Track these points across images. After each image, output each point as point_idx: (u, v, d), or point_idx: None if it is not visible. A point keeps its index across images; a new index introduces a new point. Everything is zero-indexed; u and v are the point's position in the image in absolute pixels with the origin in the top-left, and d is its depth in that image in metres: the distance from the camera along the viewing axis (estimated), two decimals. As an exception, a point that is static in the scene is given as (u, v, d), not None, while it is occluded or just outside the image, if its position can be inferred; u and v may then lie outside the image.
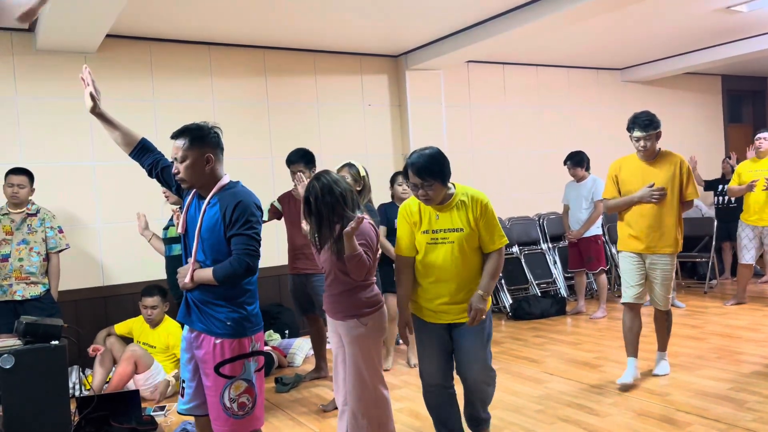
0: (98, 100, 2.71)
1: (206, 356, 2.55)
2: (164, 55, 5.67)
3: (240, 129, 6.01)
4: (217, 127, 2.69)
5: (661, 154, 4.12)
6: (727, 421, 3.47)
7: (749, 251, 6.31)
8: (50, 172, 5.19)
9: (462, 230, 2.95)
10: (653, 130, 4.03)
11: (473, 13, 5.51)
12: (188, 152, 2.56)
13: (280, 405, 4.32)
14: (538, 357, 5.06)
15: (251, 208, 2.55)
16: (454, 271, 2.96)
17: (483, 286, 2.95)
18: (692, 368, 4.47)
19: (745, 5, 5.94)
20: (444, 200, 2.99)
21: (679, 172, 4.04)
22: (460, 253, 2.95)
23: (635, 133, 4.04)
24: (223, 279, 2.52)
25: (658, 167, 4.07)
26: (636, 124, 4.05)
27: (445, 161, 2.96)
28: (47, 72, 5.18)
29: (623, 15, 5.89)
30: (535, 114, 7.88)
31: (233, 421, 2.54)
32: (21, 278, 4.51)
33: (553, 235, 7.57)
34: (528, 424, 3.64)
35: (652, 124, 4.02)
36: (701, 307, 6.46)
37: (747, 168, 6.33)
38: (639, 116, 4.06)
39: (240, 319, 2.56)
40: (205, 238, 2.57)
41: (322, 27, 5.62)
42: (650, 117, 4.05)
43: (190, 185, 2.63)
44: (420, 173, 2.89)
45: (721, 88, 9.62)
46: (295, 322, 5.95)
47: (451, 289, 2.98)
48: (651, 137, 4.03)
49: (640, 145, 4.05)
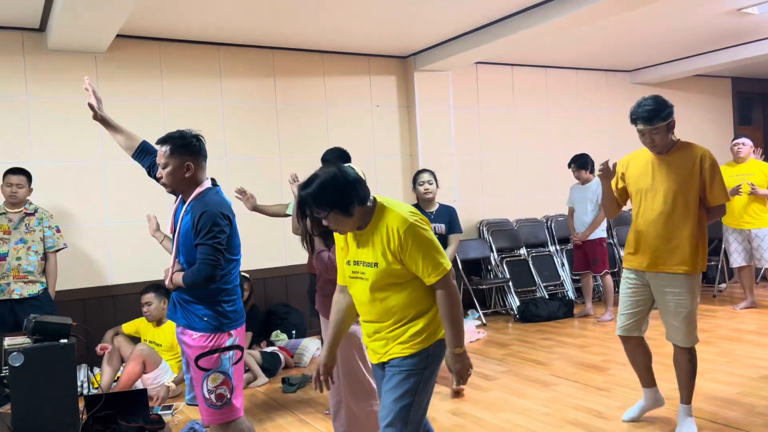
0: (97, 108, 2.96)
1: (188, 350, 2.73)
2: (174, 55, 5.70)
3: (248, 129, 6.02)
4: (200, 134, 2.80)
5: (678, 146, 3.30)
6: (736, 425, 3.45)
7: (739, 254, 6.36)
8: (60, 171, 5.22)
9: (377, 265, 2.27)
10: (661, 121, 3.19)
11: (482, 14, 5.50)
12: (169, 159, 2.70)
13: (287, 405, 4.33)
14: (545, 359, 5.05)
15: (215, 218, 2.64)
16: (371, 311, 2.34)
17: (449, 341, 2.25)
18: (701, 372, 4.43)
19: (756, 7, 5.91)
20: (363, 225, 2.30)
21: (699, 168, 3.21)
22: (375, 291, 2.30)
23: (639, 126, 3.25)
24: (189, 285, 2.68)
25: (673, 162, 3.27)
26: (638, 115, 3.24)
27: (342, 185, 2.22)
28: (58, 72, 5.21)
29: (633, 17, 5.86)
30: (544, 116, 7.86)
31: (212, 410, 2.71)
32: (19, 277, 4.55)
33: (560, 237, 7.54)
34: (535, 427, 3.63)
35: (659, 114, 3.18)
36: (710, 311, 6.43)
37: (726, 173, 6.36)
38: (642, 104, 3.25)
39: (216, 315, 2.71)
40: (181, 243, 2.74)
41: (331, 28, 5.63)
42: (657, 105, 3.20)
43: (172, 190, 2.79)
44: (312, 205, 2.23)
45: (731, 90, 9.57)
46: (302, 323, 5.95)
47: (369, 331, 2.40)
48: (660, 130, 3.21)
49: (646, 140, 3.27)
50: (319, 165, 4.51)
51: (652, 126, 3.21)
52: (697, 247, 3.23)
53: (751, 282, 6.48)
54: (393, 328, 2.31)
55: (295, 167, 6.08)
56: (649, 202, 3.32)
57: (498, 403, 4.09)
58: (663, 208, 3.27)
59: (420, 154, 6.78)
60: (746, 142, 6.35)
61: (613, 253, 7.37)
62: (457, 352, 2.25)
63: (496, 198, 7.44)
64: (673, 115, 3.23)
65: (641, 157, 3.43)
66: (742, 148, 6.33)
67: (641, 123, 3.23)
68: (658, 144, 3.26)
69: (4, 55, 5.05)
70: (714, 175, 3.23)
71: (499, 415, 3.86)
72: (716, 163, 3.25)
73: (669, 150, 3.31)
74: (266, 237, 5.87)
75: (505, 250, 7.20)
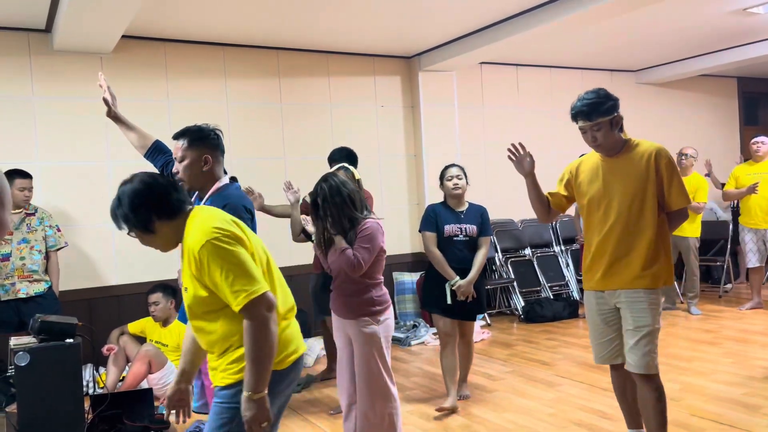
0: (111, 105, 2.88)
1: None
2: (179, 56, 5.71)
3: (253, 130, 6.03)
4: (218, 129, 2.73)
5: (629, 145, 2.90)
6: (741, 426, 3.43)
7: (755, 254, 6.31)
8: (65, 171, 5.24)
9: (187, 290, 1.99)
10: (602, 116, 2.80)
11: (486, 14, 5.50)
12: (187, 152, 2.62)
13: (292, 405, 4.33)
14: (550, 360, 5.04)
15: (239, 211, 2.58)
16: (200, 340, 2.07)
17: (245, 382, 1.87)
18: (706, 373, 4.43)
19: (761, 7, 5.89)
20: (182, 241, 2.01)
21: (654, 168, 2.81)
22: (192, 319, 2.03)
23: (579, 122, 2.89)
24: None
25: (624, 164, 2.86)
26: (577, 110, 2.87)
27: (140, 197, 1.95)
28: (64, 72, 5.23)
29: (638, 16, 5.85)
30: (549, 116, 7.84)
31: None
32: (24, 276, 4.58)
33: (565, 237, 7.53)
34: (540, 428, 3.62)
35: (599, 107, 2.80)
36: (716, 312, 6.41)
37: (744, 171, 6.37)
38: (582, 98, 2.88)
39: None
40: None
41: (335, 28, 5.64)
42: (597, 98, 2.83)
43: (189, 185, 2.66)
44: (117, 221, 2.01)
45: (737, 90, 9.53)
46: (306, 323, 5.95)
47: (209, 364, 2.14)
48: (602, 127, 2.81)
49: (588, 138, 2.88)
50: (323, 164, 4.54)
51: (592, 122, 2.82)
52: (657, 258, 2.82)
53: (760, 283, 6.46)
54: (216, 359, 2.02)
55: (299, 167, 6.09)
56: (602, 212, 2.89)
57: (502, 403, 4.08)
58: (617, 218, 2.84)
59: (424, 155, 6.78)
60: (765, 141, 6.36)
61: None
62: (253, 398, 1.84)
63: (500, 198, 7.43)
64: (618, 109, 2.84)
65: (590, 162, 3.01)
66: (761, 146, 6.32)
67: (580, 119, 2.86)
68: (602, 143, 2.85)
69: (10, 55, 5.08)
70: (672, 174, 2.83)
71: (504, 416, 3.85)
72: (673, 161, 2.87)
73: (620, 151, 2.89)
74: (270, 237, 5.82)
75: (509, 251, 7.19)
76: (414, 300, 6.54)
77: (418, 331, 6.01)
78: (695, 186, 6.18)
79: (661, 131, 8.57)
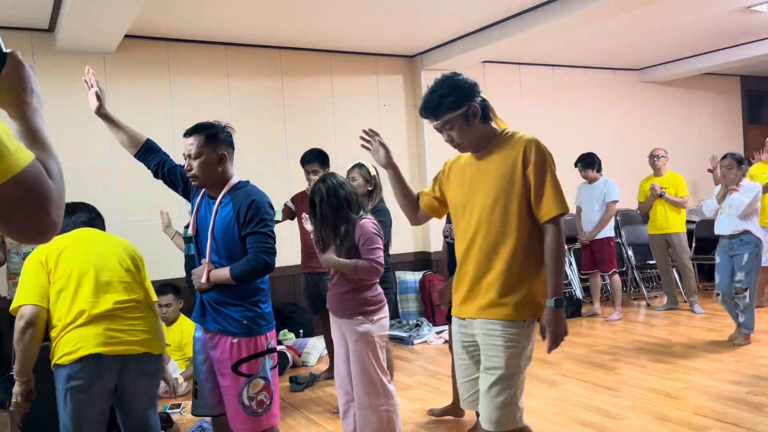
0: (103, 100, 2.78)
1: (222, 356, 2.56)
2: (181, 55, 5.71)
3: (256, 129, 6.03)
4: (230, 126, 2.70)
5: (499, 139, 2.32)
6: (745, 424, 3.43)
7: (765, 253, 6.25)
8: (68, 171, 5.22)
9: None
10: (449, 111, 2.24)
11: (489, 13, 5.49)
12: (202, 149, 2.57)
13: (295, 404, 4.33)
14: (553, 359, 5.03)
15: (265, 207, 2.57)
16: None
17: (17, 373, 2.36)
18: (710, 372, 4.42)
19: (765, 5, 5.87)
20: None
21: (522, 166, 2.23)
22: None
23: (431, 123, 2.37)
24: (240, 277, 2.52)
25: (491, 162, 2.30)
26: (421, 108, 2.34)
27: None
28: (66, 72, 5.23)
29: (641, 15, 5.84)
30: (552, 114, 7.83)
31: (253, 419, 2.55)
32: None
33: (568, 236, 7.49)
34: (543, 426, 3.62)
35: (444, 101, 2.24)
36: (719, 310, 6.38)
37: (760, 170, 6.32)
38: (428, 91, 2.30)
39: (255, 317, 2.58)
40: (219, 238, 2.57)
41: (338, 27, 5.63)
42: (443, 89, 2.25)
43: (202, 183, 2.61)
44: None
45: (740, 88, 9.51)
46: (309, 322, 5.96)
47: None
48: (454, 124, 2.27)
49: (445, 138, 2.36)
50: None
51: (441, 120, 2.28)
52: (521, 281, 2.24)
53: (765, 283, 6.43)
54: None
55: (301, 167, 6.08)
56: (465, 220, 2.34)
57: (506, 402, 4.07)
58: (477, 228, 2.28)
59: (427, 154, 6.77)
60: None
61: (621, 253, 7.34)
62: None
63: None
64: (473, 98, 2.26)
65: (463, 159, 2.45)
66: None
67: (427, 118, 2.34)
68: (460, 142, 2.33)
69: (13, 55, 5.08)
70: (542, 174, 2.22)
71: (507, 415, 3.84)
72: (547, 158, 2.23)
73: (487, 146, 2.32)
74: (274, 236, 5.88)
75: (512, 250, 7.17)
76: (416, 299, 6.53)
77: (420, 330, 6.01)
78: (674, 183, 6.22)
79: (664, 130, 8.56)
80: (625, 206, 7.47)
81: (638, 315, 6.53)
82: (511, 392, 2.23)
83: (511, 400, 2.22)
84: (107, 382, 2.54)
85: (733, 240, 5.12)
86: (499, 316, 2.23)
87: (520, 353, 2.25)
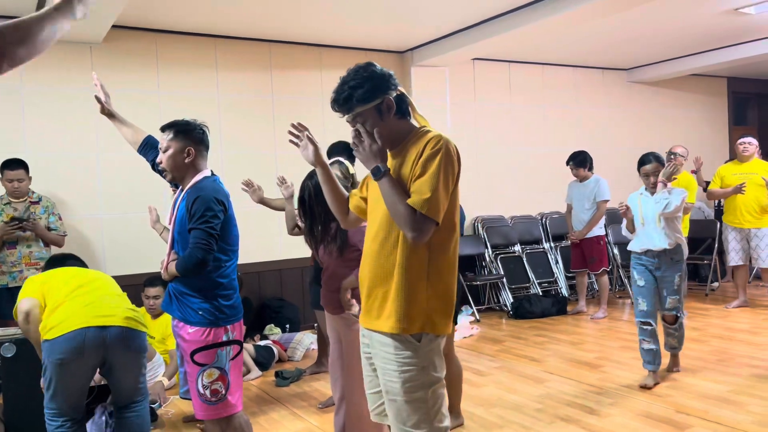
0: (105, 102, 2.98)
1: (184, 344, 2.69)
2: (170, 47, 5.67)
3: (244, 122, 6.00)
4: (205, 125, 2.83)
5: (412, 137, 2.11)
6: (727, 423, 3.47)
7: (737, 253, 6.37)
8: (54, 162, 5.19)
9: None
10: (361, 104, 2.07)
11: (480, 10, 5.50)
12: (171, 143, 2.71)
13: (280, 399, 4.33)
14: (538, 356, 5.06)
15: (209, 203, 2.63)
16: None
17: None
18: (693, 370, 4.47)
19: (753, 7, 5.92)
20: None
21: (412, 164, 2.03)
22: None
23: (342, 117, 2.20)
24: (181, 272, 2.64)
25: (398, 162, 2.11)
26: (332, 101, 2.17)
27: None
28: (53, 62, 5.17)
29: (630, 15, 5.86)
30: (540, 112, 7.86)
31: (206, 406, 2.68)
32: (31, 264, 4.62)
33: (555, 234, 7.56)
34: (528, 423, 3.64)
35: (354, 94, 2.07)
36: (703, 310, 6.46)
37: (730, 171, 6.41)
38: (336, 88, 2.14)
39: (212, 309, 2.67)
40: (177, 231, 2.72)
41: (328, 22, 5.61)
42: (354, 85, 2.07)
43: (171, 175, 2.75)
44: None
45: (726, 90, 9.60)
46: (296, 317, 5.95)
47: None
48: (367, 117, 2.09)
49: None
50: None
51: (352, 113, 2.11)
52: (416, 289, 2.01)
53: (745, 281, 6.52)
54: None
55: (291, 160, 6.06)
56: (370, 224, 2.18)
57: (491, 398, 4.10)
58: (378, 231, 2.10)
59: (416, 150, 6.77)
60: (752, 142, 6.40)
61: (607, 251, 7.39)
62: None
63: (491, 194, 7.45)
64: (388, 89, 2.09)
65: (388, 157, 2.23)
66: (748, 147, 6.37)
67: (338, 112, 2.17)
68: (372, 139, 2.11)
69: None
70: (427, 165, 1.97)
71: (492, 411, 3.87)
72: (442, 154, 1.97)
73: (402, 143, 2.12)
74: (261, 231, 5.86)
75: (499, 247, 7.21)
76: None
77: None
78: (684, 186, 6.21)
79: (651, 130, 8.62)
80: (611, 205, 7.52)
81: (623, 313, 6.58)
82: (419, 416, 2.01)
83: (420, 423, 2.01)
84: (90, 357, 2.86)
85: (662, 257, 4.16)
86: (388, 329, 2.02)
87: (419, 376, 2.00)
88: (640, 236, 4.24)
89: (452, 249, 2.08)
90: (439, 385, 2.05)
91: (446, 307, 2.07)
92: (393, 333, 2.01)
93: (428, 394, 2.01)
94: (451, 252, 2.08)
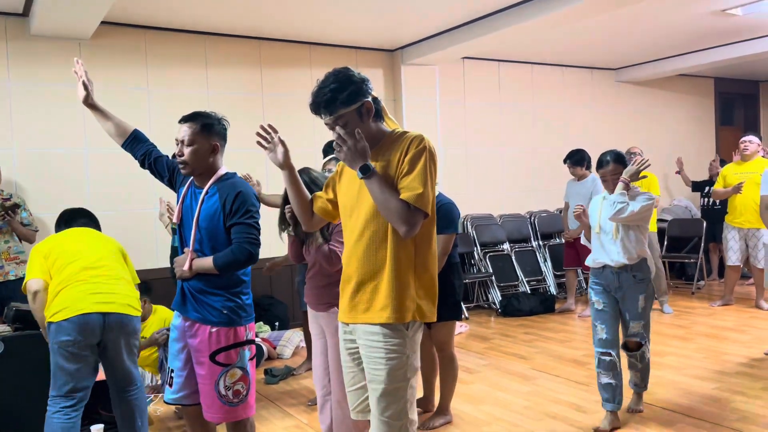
0: (91, 90, 2.78)
1: (201, 345, 2.57)
2: (159, 43, 5.64)
3: (234, 120, 5.90)
4: (225, 119, 2.76)
5: (387, 140, 2.20)
6: (712, 420, 3.51)
7: (735, 253, 6.38)
8: (42, 157, 5.16)
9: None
10: (344, 107, 2.12)
11: (470, 9, 5.51)
12: (196, 137, 2.61)
13: (270, 397, 4.33)
14: (526, 354, 5.10)
15: (252, 199, 2.61)
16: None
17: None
18: (678, 368, 4.51)
19: (740, 8, 5.98)
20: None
21: (397, 164, 2.12)
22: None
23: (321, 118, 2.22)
24: (223, 267, 2.55)
25: (380, 161, 2.17)
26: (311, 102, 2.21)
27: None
28: (41, 57, 5.13)
29: (618, 16, 5.91)
30: (529, 112, 7.90)
31: (228, 408, 2.57)
32: (11, 259, 4.59)
33: (543, 233, 7.60)
34: (516, 420, 3.67)
35: (337, 96, 2.11)
36: (689, 308, 6.52)
37: (732, 170, 6.43)
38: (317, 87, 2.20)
39: (235, 307, 2.60)
40: (203, 228, 2.59)
41: (318, 19, 5.61)
42: (335, 88, 2.13)
43: (191, 171, 2.64)
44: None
45: (713, 90, 9.69)
46: (285, 314, 5.95)
47: None
48: (347, 120, 2.13)
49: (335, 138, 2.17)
50: (305, 156, 4.53)
51: (335, 116, 2.13)
52: (406, 282, 2.12)
53: (735, 282, 6.55)
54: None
55: (280, 159, 6.06)
56: (352, 223, 2.23)
57: (479, 396, 4.12)
58: (364, 228, 2.16)
59: (405, 148, 6.78)
60: (753, 140, 6.31)
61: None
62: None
63: (480, 193, 7.48)
64: (367, 93, 2.15)
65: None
66: (749, 145, 6.28)
67: (320, 114, 2.19)
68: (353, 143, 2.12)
69: (-15, 39, 4.98)
70: (414, 162, 2.08)
71: (481, 408, 3.89)
72: (426, 152, 2.09)
73: (377, 145, 2.19)
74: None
75: (488, 245, 7.24)
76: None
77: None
78: (647, 184, 6.26)
79: (638, 129, 8.69)
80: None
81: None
82: (399, 406, 2.12)
83: (400, 413, 2.12)
84: (91, 338, 3.00)
85: (622, 275, 3.45)
86: (379, 320, 2.11)
87: (403, 364, 2.12)
88: (596, 248, 3.55)
89: (434, 241, 2.24)
90: (416, 378, 2.19)
91: (432, 296, 2.21)
92: (387, 323, 2.11)
93: (408, 384, 2.14)
94: (434, 244, 2.24)
